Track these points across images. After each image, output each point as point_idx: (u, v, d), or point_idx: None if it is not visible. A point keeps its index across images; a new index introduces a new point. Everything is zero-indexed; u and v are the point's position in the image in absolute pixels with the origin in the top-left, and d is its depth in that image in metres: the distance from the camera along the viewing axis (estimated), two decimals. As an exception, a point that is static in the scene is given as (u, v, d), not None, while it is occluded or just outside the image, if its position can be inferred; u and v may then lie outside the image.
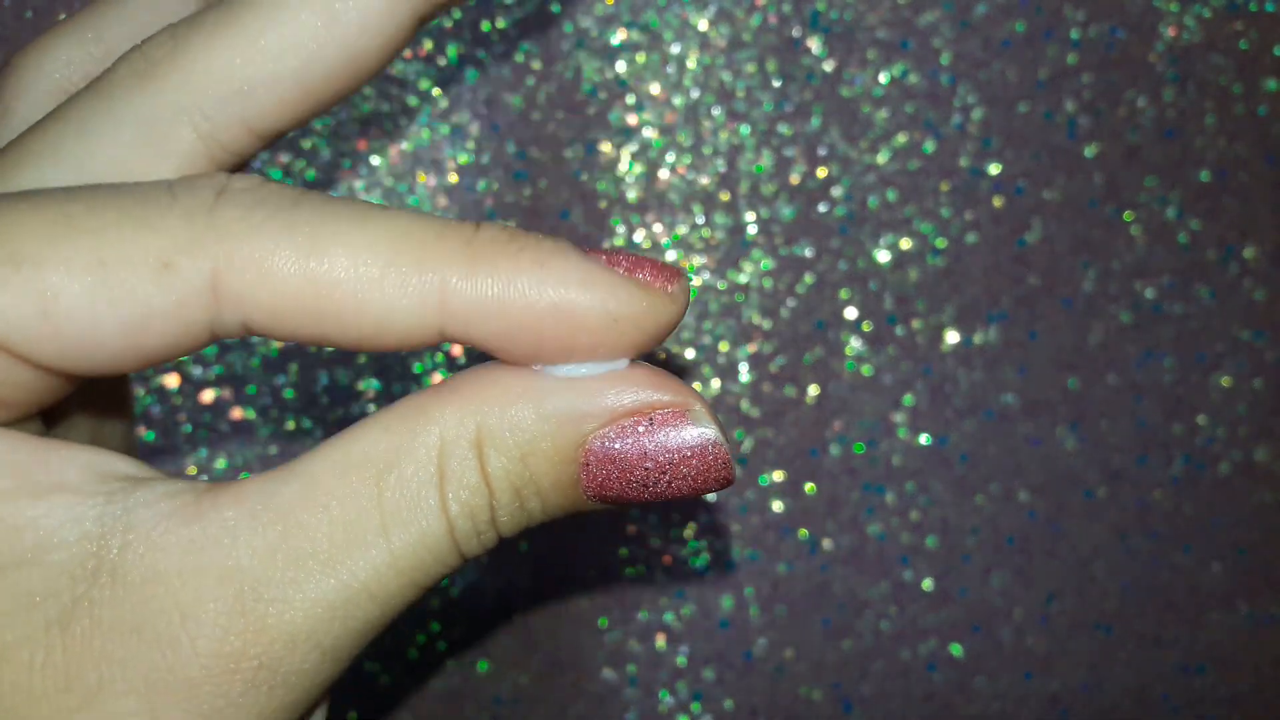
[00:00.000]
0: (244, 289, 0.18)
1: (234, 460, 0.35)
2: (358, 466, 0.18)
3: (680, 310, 0.19)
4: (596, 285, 0.18)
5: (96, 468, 0.18)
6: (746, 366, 0.36)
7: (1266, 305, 0.37)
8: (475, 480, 0.19)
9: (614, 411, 0.19)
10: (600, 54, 0.35)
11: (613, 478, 0.19)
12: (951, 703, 0.37)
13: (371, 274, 0.18)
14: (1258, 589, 0.37)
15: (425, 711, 0.36)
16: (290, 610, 0.18)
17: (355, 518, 0.18)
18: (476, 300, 0.18)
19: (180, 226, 0.17)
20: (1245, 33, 0.36)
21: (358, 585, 0.18)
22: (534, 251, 0.18)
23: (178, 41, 0.20)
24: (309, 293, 0.18)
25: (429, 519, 0.18)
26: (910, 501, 0.36)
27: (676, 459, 0.19)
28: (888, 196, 0.36)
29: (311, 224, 0.18)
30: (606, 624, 0.36)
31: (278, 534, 0.18)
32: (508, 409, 0.19)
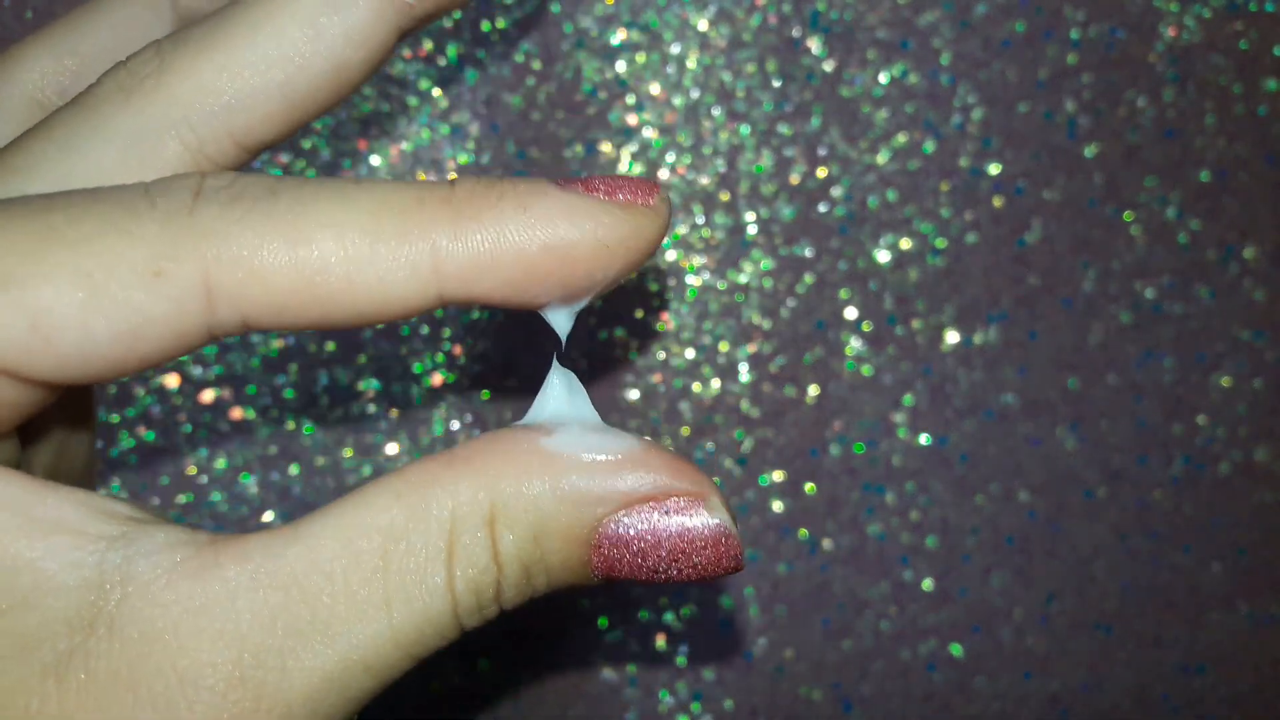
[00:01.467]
0: (237, 287, 0.17)
1: (234, 460, 0.35)
2: (364, 534, 0.18)
3: (665, 221, 0.19)
4: (581, 216, 0.18)
5: (96, 508, 0.18)
6: (746, 366, 0.36)
7: (1266, 305, 0.37)
8: (485, 559, 0.18)
9: (631, 496, 0.19)
10: (600, 54, 0.35)
11: (624, 561, 0.19)
12: (951, 703, 0.37)
13: (361, 252, 0.18)
14: (1258, 589, 0.37)
15: (425, 711, 0.36)
16: (289, 680, 0.18)
17: (359, 589, 0.18)
18: (469, 258, 0.18)
19: (162, 231, 0.17)
20: (1245, 33, 0.36)
21: (356, 658, 0.18)
22: (515, 197, 0.18)
23: (164, 57, 0.20)
24: (302, 282, 0.17)
25: (434, 596, 0.18)
26: (910, 501, 0.36)
27: (690, 548, 0.19)
28: (888, 196, 0.36)
29: (292, 211, 0.18)
30: (606, 624, 0.36)
31: (279, 600, 0.18)
32: (524, 485, 0.18)
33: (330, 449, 0.35)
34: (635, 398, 0.36)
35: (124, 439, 0.34)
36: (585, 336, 0.35)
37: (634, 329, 0.36)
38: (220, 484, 0.35)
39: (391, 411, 0.35)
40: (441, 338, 0.35)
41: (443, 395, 0.35)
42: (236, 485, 0.35)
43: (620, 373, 0.36)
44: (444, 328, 0.35)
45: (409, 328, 0.35)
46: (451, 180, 0.18)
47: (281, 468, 0.35)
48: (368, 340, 0.35)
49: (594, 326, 0.35)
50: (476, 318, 0.35)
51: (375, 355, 0.35)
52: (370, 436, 0.35)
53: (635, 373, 0.36)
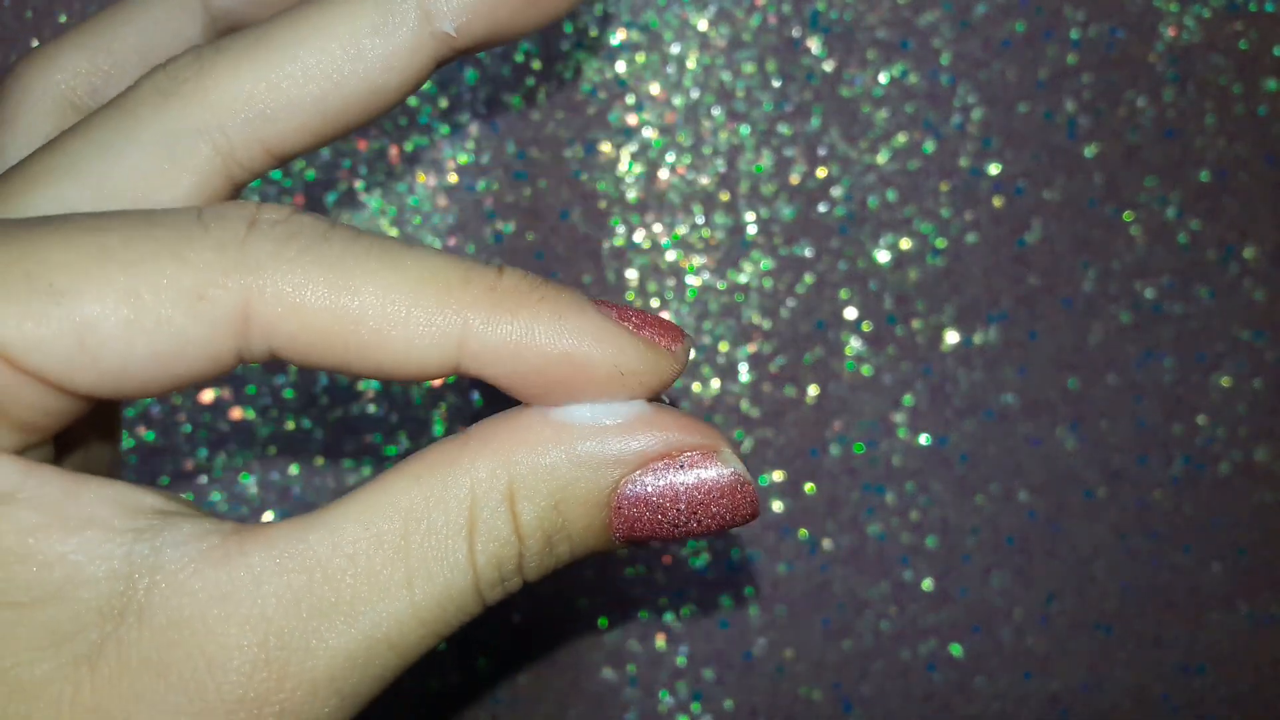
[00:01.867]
0: (274, 320, 0.18)
1: (233, 460, 0.35)
2: (385, 517, 0.19)
3: (681, 368, 0.20)
4: (608, 340, 0.19)
5: (125, 503, 0.18)
6: (746, 366, 0.36)
7: (1266, 305, 0.37)
8: (507, 531, 0.19)
9: (645, 455, 0.19)
10: (600, 54, 0.35)
11: (644, 519, 0.19)
12: (951, 703, 0.37)
13: (398, 312, 0.18)
14: (1258, 589, 0.37)
15: (425, 711, 0.36)
16: (312, 659, 0.18)
17: (380, 569, 0.18)
18: (495, 343, 0.19)
19: (213, 258, 0.18)
20: (1245, 33, 0.36)
21: (379, 636, 0.19)
22: (553, 303, 0.19)
23: (203, 63, 0.21)
24: (336, 326, 0.18)
25: (455, 571, 0.19)
26: (910, 501, 0.36)
27: (707, 499, 0.20)
28: (888, 196, 0.36)
29: (344, 260, 0.18)
30: (606, 624, 0.36)
31: (303, 583, 0.18)
32: (540, 456, 0.19)
33: (330, 449, 0.35)
34: (635, 398, 0.36)
35: (124, 439, 0.34)
36: (585, 336, 0.35)
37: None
38: (220, 484, 0.35)
39: (391, 412, 0.35)
40: (441, 338, 0.35)
41: (443, 395, 0.35)
42: (236, 485, 0.35)
43: (620, 373, 0.36)
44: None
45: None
46: (500, 267, 0.19)
47: (281, 468, 0.35)
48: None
49: (594, 326, 0.35)
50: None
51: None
52: (370, 436, 0.35)
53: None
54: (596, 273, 0.35)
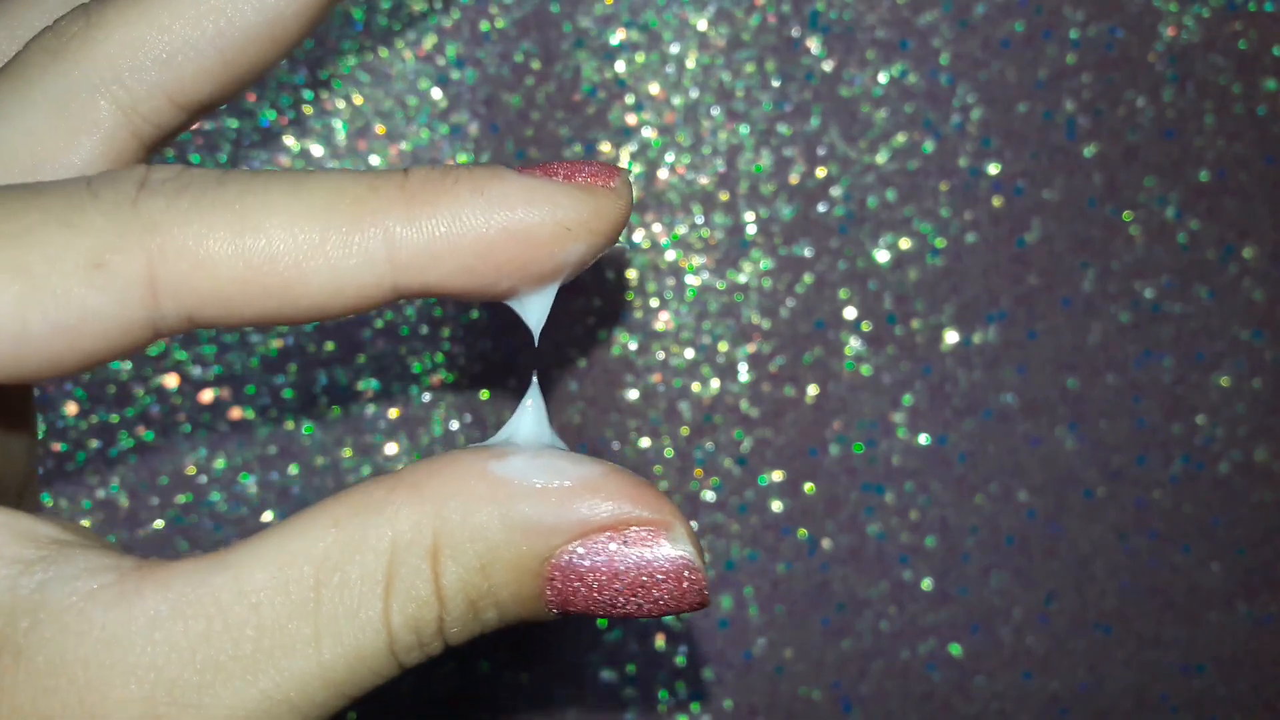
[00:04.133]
0: (181, 279, 0.17)
1: (233, 460, 0.35)
2: (297, 564, 0.17)
3: (627, 204, 0.18)
4: (540, 199, 0.18)
5: (14, 531, 0.17)
6: (746, 366, 0.36)
7: (1266, 305, 0.37)
8: (427, 592, 0.17)
9: (586, 525, 0.17)
10: (599, 54, 0.35)
11: (579, 594, 0.18)
12: (951, 703, 0.37)
13: (311, 240, 0.17)
14: (1258, 589, 0.37)
15: (425, 711, 0.36)
16: (205, 717, 0.16)
17: (286, 623, 0.17)
18: (425, 243, 0.17)
19: (105, 223, 0.17)
20: (1245, 33, 0.36)
21: (279, 696, 0.17)
22: (469, 181, 0.17)
23: (90, 16, 0.20)
24: (249, 272, 0.17)
25: (368, 631, 0.17)
26: (910, 501, 0.36)
27: (649, 582, 0.18)
28: (887, 196, 0.36)
29: (240, 199, 0.17)
30: (606, 624, 0.36)
31: (199, 631, 0.16)
32: (470, 515, 0.17)
33: (330, 449, 0.35)
34: (635, 398, 0.36)
35: (123, 439, 0.34)
36: (584, 336, 0.35)
37: (633, 329, 0.36)
38: (220, 484, 0.35)
39: (391, 411, 0.35)
40: (441, 338, 0.35)
41: (443, 395, 0.35)
42: (236, 485, 0.35)
43: (620, 373, 0.36)
44: (443, 327, 0.35)
45: (408, 327, 0.35)
46: (406, 168, 0.18)
47: (281, 468, 0.35)
48: (367, 340, 0.35)
49: (593, 326, 0.35)
50: (476, 317, 0.35)
51: (375, 355, 0.35)
52: (370, 436, 0.35)
53: (635, 373, 0.36)
54: (596, 272, 0.35)
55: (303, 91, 0.34)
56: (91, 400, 0.34)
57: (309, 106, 0.34)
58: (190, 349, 0.34)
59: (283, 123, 0.34)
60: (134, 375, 0.34)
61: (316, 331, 0.35)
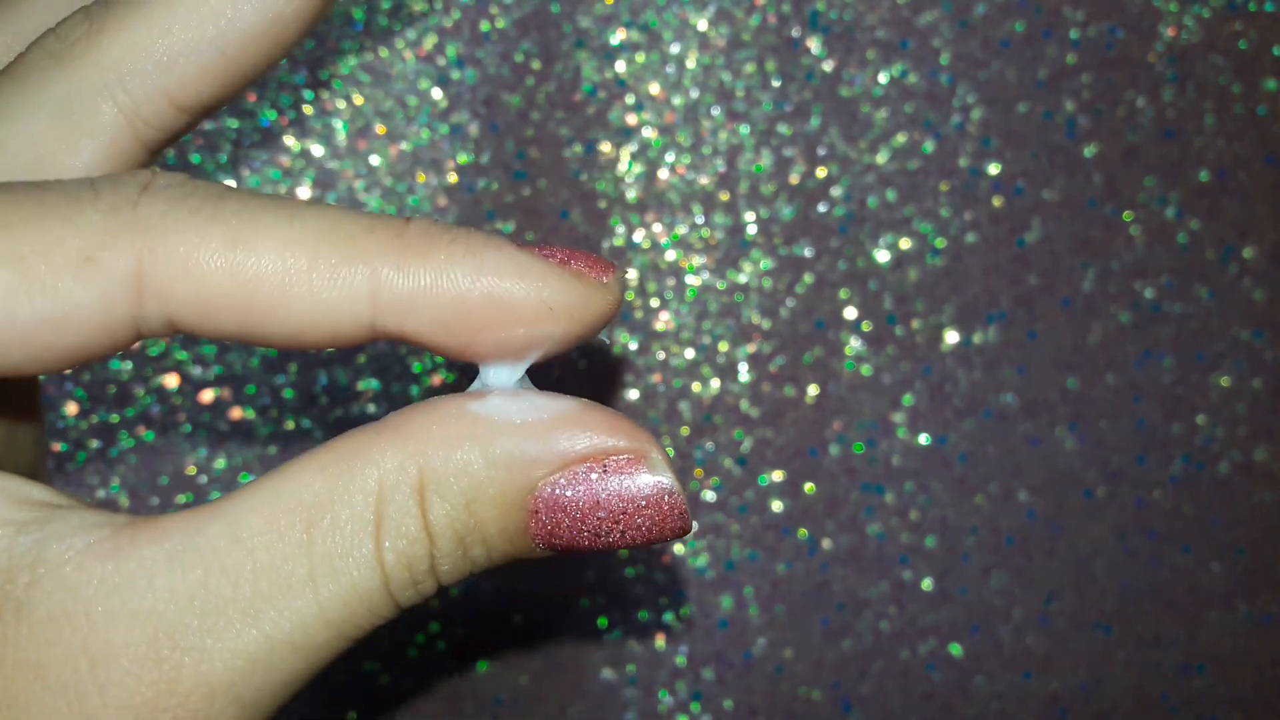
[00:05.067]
0: (168, 283, 0.17)
1: (233, 460, 0.35)
2: (288, 509, 0.17)
3: (616, 301, 0.19)
4: (531, 274, 0.18)
5: (9, 494, 0.17)
6: (746, 366, 0.36)
7: (1266, 305, 0.37)
8: (416, 529, 0.18)
9: (566, 457, 0.18)
10: (600, 54, 0.35)
11: (563, 526, 0.18)
12: (951, 703, 0.37)
13: (299, 266, 0.17)
14: (1257, 589, 0.37)
15: (425, 711, 0.36)
16: (208, 661, 0.17)
17: (281, 564, 0.17)
18: (409, 291, 0.17)
19: (102, 221, 0.17)
20: (1245, 33, 0.36)
21: (281, 637, 0.17)
22: (466, 242, 0.18)
23: (93, 20, 0.20)
24: (234, 286, 0.17)
25: (362, 569, 0.17)
26: (910, 501, 0.36)
27: (630, 508, 0.18)
28: (887, 196, 0.36)
29: (238, 217, 0.17)
30: (606, 624, 0.36)
31: (197, 577, 0.17)
32: (453, 452, 0.18)
33: (330, 449, 0.35)
34: (635, 398, 0.36)
35: (124, 439, 0.34)
36: (585, 336, 0.35)
37: (634, 329, 0.36)
38: (220, 484, 0.35)
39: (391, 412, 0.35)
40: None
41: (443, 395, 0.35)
42: (236, 485, 0.35)
43: (620, 373, 0.36)
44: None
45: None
46: (408, 219, 0.18)
47: (281, 468, 0.35)
48: (367, 340, 0.35)
49: (594, 326, 0.35)
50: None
51: (375, 355, 0.35)
52: (370, 436, 0.35)
53: (635, 373, 0.36)
54: (596, 273, 0.35)
55: (303, 91, 0.34)
56: (91, 400, 0.34)
57: (309, 106, 0.34)
58: (190, 349, 0.34)
59: (283, 123, 0.34)
60: (134, 375, 0.34)
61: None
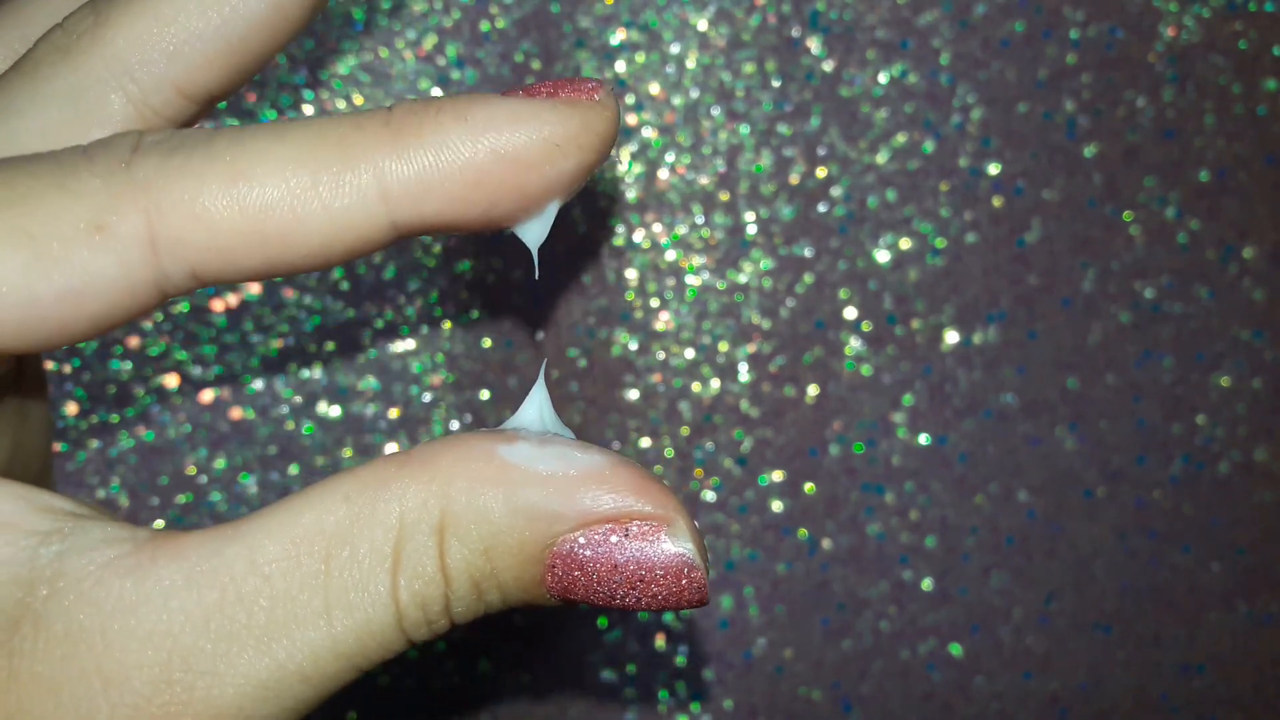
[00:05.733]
0: (180, 234, 0.17)
1: (234, 460, 0.35)
2: (307, 537, 0.17)
3: (614, 114, 0.19)
4: (525, 118, 0.18)
5: (32, 504, 0.17)
6: (746, 366, 0.36)
7: (1266, 305, 0.37)
8: (433, 570, 0.18)
9: (588, 516, 0.18)
10: (600, 54, 0.35)
11: (578, 584, 0.18)
12: (951, 703, 0.37)
13: (303, 184, 0.17)
14: (1257, 589, 0.37)
15: (425, 711, 0.36)
16: (219, 686, 0.17)
17: (298, 594, 0.17)
18: (416, 175, 0.17)
19: (101, 185, 0.17)
20: (1245, 33, 0.36)
21: (292, 666, 0.17)
22: (453, 109, 0.18)
23: (99, 13, 0.20)
24: (246, 222, 0.17)
25: (377, 605, 0.17)
26: (910, 501, 0.36)
27: (648, 576, 0.18)
28: (887, 196, 0.36)
29: (229, 150, 0.17)
30: (606, 624, 0.36)
31: (214, 601, 0.17)
32: (476, 496, 0.17)
33: (330, 449, 0.35)
34: (635, 398, 0.36)
35: (124, 439, 0.34)
36: (584, 336, 0.35)
37: (634, 329, 0.36)
38: (220, 484, 0.35)
39: (391, 411, 0.35)
40: (441, 338, 0.35)
41: (443, 395, 0.35)
42: (236, 485, 0.35)
43: (620, 373, 0.36)
44: (444, 327, 0.35)
45: (408, 328, 0.35)
46: (389, 106, 0.18)
47: (281, 468, 0.35)
48: (367, 340, 0.35)
49: (593, 326, 0.35)
50: (476, 317, 0.35)
51: (375, 355, 0.35)
52: (370, 436, 0.35)
53: (635, 373, 0.36)
54: (597, 272, 0.35)
55: (303, 91, 0.34)
56: (91, 400, 0.34)
57: (309, 106, 0.34)
58: (190, 349, 0.34)
59: (283, 123, 0.34)
60: (134, 375, 0.34)
61: (316, 331, 0.35)
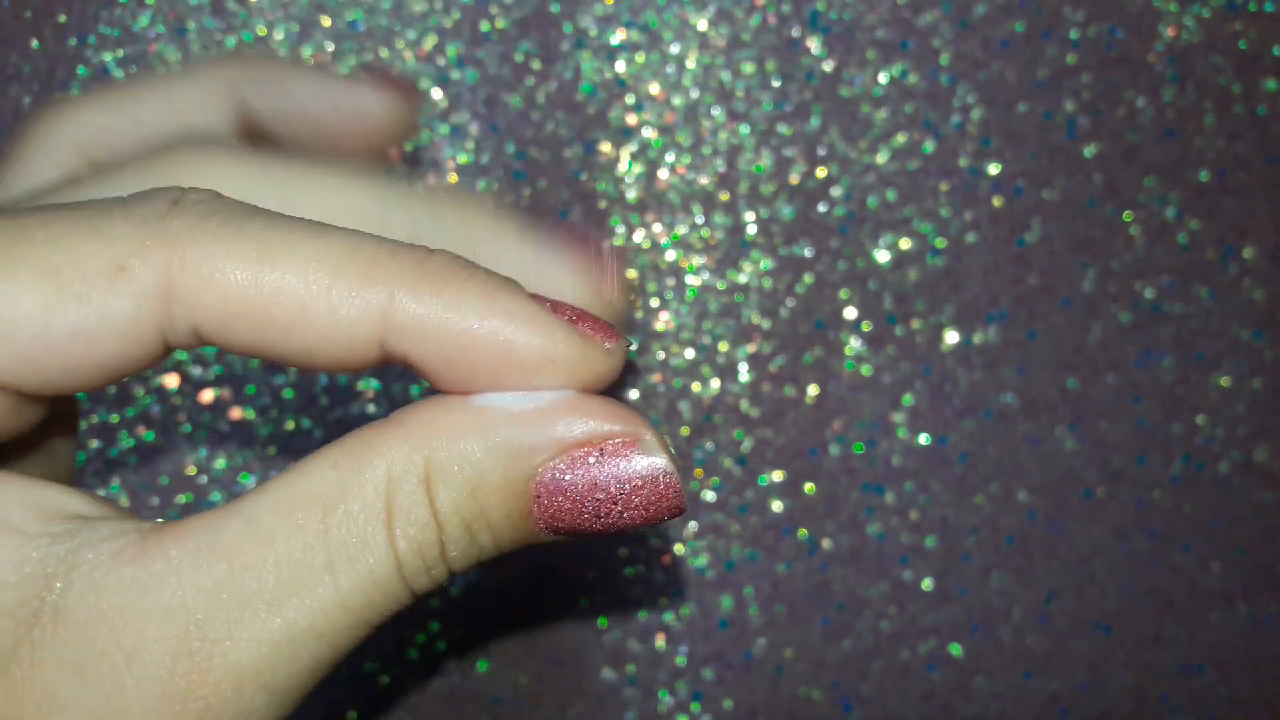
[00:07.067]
0: (194, 292, 0.18)
1: (233, 460, 0.35)
2: (303, 504, 0.18)
3: (615, 366, 0.20)
4: (537, 324, 0.19)
5: (43, 506, 0.18)
6: (746, 366, 0.36)
7: (1266, 305, 0.37)
8: (424, 516, 0.19)
9: (564, 442, 0.19)
10: (600, 54, 0.35)
11: (564, 509, 0.19)
12: (951, 703, 0.37)
13: (320, 283, 0.18)
14: (1258, 589, 0.37)
15: (425, 711, 0.36)
16: (236, 650, 0.18)
17: (301, 555, 0.18)
18: (420, 318, 0.18)
19: (133, 232, 0.18)
20: (1245, 33, 0.36)
21: (305, 624, 0.18)
22: (483, 283, 0.18)
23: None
24: (258, 299, 0.18)
25: (377, 556, 0.18)
26: (910, 501, 0.36)
27: (628, 489, 0.19)
28: (887, 196, 0.36)
29: (264, 233, 0.18)
30: (606, 624, 0.36)
31: (222, 572, 0.18)
32: (456, 443, 0.19)
33: (330, 449, 0.35)
34: (635, 398, 0.36)
35: (124, 439, 0.34)
36: (585, 336, 0.35)
37: (634, 329, 0.36)
38: (220, 484, 0.35)
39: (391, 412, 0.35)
40: (441, 338, 0.35)
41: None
42: (236, 485, 0.35)
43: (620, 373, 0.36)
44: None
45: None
46: (430, 249, 0.19)
47: (281, 468, 0.35)
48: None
49: (594, 326, 0.35)
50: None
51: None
52: (370, 436, 0.35)
53: (635, 373, 0.36)
54: (596, 273, 0.35)
55: (303, 91, 0.34)
56: (91, 400, 0.34)
57: (309, 106, 0.34)
58: (190, 349, 0.34)
59: (283, 123, 0.34)
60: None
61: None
